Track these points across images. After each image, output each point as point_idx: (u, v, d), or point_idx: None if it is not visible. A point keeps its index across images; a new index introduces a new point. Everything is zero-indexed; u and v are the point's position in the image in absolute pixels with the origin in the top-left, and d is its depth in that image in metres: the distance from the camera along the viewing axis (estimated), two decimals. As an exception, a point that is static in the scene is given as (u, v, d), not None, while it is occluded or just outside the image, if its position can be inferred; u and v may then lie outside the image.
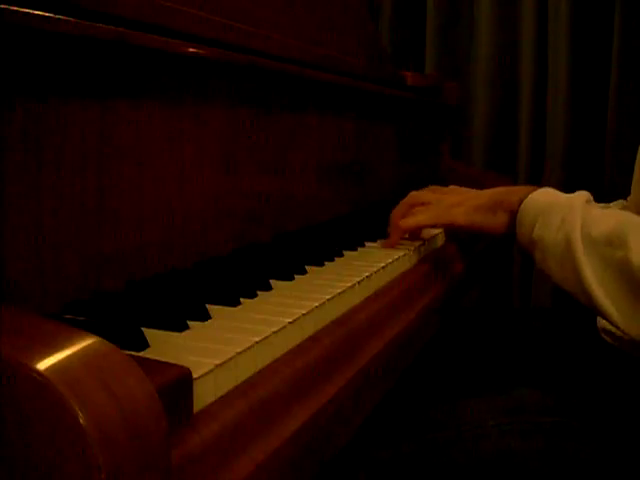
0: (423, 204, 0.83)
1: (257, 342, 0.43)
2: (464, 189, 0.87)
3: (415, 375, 0.79)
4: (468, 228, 0.79)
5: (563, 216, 0.66)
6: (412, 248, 0.80)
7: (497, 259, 1.12)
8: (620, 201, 0.96)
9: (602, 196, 1.01)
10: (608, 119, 1.59)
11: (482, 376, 0.80)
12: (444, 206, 0.81)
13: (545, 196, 0.71)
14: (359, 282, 0.62)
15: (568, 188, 0.98)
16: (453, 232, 0.92)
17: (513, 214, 0.73)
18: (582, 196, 0.69)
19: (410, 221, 0.80)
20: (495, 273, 1.70)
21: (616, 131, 1.57)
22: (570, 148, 1.65)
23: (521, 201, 0.72)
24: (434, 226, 0.84)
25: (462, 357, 0.89)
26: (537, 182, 1.71)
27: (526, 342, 0.91)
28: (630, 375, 0.71)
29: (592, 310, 0.64)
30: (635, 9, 1.53)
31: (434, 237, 0.90)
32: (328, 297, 0.55)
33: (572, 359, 0.82)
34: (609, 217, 0.65)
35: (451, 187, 0.89)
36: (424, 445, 0.66)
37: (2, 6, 0.41)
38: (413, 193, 0.86)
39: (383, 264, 0.69)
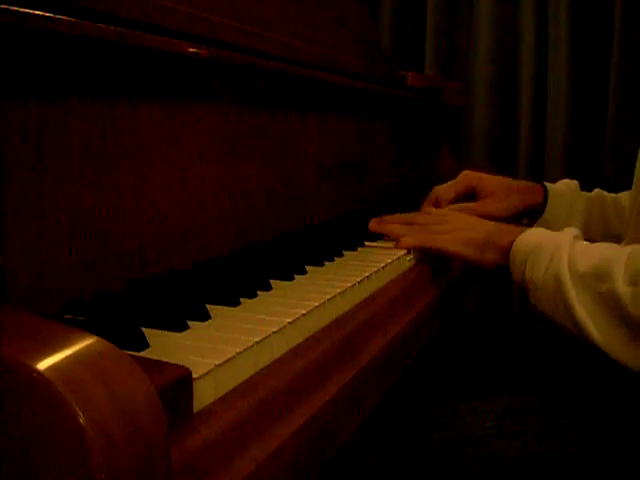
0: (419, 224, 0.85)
1: (257, 342, 0.43)
2: (462, 215, 0.88)
3: (415, 376, 0.79)
4: (456, 258, 0.80)
5: (551, 254, 0.67)
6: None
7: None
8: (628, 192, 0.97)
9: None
10: (608, 119, 1.59)
11: (482, 378, 0.80)
12: (437, 231, 0.82)
13: (534, 237, 0.72)
14: (359, 282, 0.62)
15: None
16: None
17: (504, 255, 0.75)
18: (569, 233, 0.70)
19: (405, 242, 0.80)
20: (493, 277, 1.69)
21: (616, 131, 1.57)
22: (570, 148, 1.65)
23: (511, 243, 0.74)
24: (423, 249, 0.83)
25: (462, 359, 0.89)
26: (537, 182, 1.71)
27: (526, 344, 0.91)
28: (629, 377, 0.71)
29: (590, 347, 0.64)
30: (635, 9, 1.53)
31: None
32: (328, 297, 0.55)
33: (572, 361, 0.82)
34: (594, 251, 0.66)
35: (453, 213, 0.91)
36: (423, 447, 0.66)
37: (2, 6, 0.41)
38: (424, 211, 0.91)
39: (383, 264, 0.69)
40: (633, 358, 0.60)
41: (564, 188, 1.03)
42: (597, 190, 1.04)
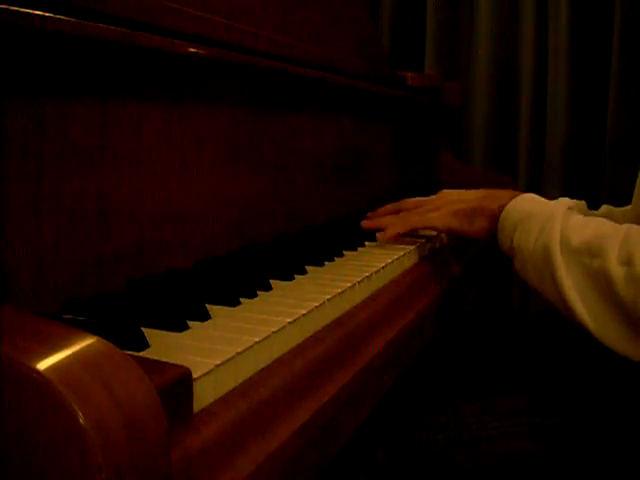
0: (407, 209, 0.84)
1: (257, 342, 0.43)
2: (454, 191, 0.86)
3: (414, 377, 0.79)
4: (446, 232, 0.80)
5: (542, 225, 0.65)
6: (412, 248, 0.80)
7: (496, 260, 1.12)
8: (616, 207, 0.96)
9: (602, 196, 1.01)
10: (608, 119, 1.59)
11: (481, 378, 0.80)
12: (422, 211, 0.81)
13: (526, 203, 0.70)
14: (359, 282, 0.62)
15: (568, 188, 0.99)
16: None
17: (494, 221, 0.73)
18: (563, 204, 0.68)
19: (389, 232, 0.80)
20: (494, 275, 1.70)
21: (616, 131, 1.57)
22: (570, 148, 1.65)
23: (501, 208, 0.72)
24: (413, 230, 0.84)
25: (461, 359, 0.89)
26: (537, 182, 1.71)
27: (525, 344, 0.91)
28: (628, 377, 0.71)
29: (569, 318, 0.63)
30: (635, 9, 1.53)
31: (434, 237, 0.90)
32: (328, 297, 0.55)
33: (572, 361, 0.82)
34: (588, 226, 0.63)
35: (442, 192, 0.89)
36: (423, 448, 0.66)
37: (2, 6, 0.41)
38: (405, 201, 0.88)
39: (383, 264, 0.69)
40: (622, 340, 0.58)
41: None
42: (605, 207, 0.98)
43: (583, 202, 0.99)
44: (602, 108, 1.61)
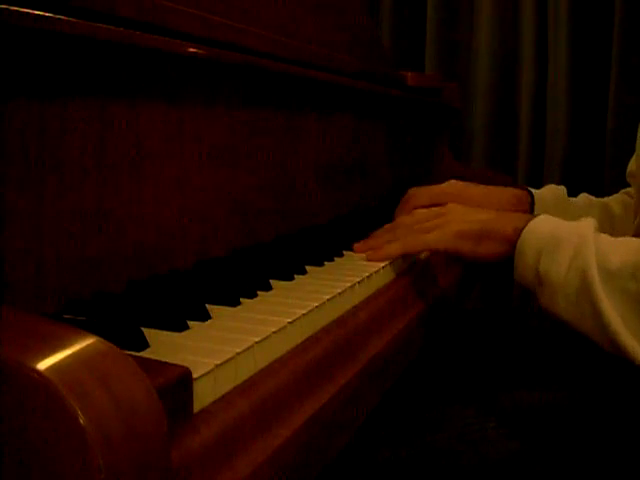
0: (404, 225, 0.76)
1: (257, 342, 0.43)
2: (453, 206, 0.76)
3: (414, 377, 0.79)
4: (449, 254, 0.71)
5: (575, 249, 0.59)
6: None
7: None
8: (615, 196, 0.96)
9: (602, 196, 1.01)
10: (608, 118, 1.59)
11: (482, 378, 0.80)
12: (424, 229, 0.73)
13: (547, 225, 0.64)
14: (359, 282, 0.62)
15: (568, 188, 0.99)
16: None
17: (509, 245, 0.66)
18: (590, 224, 0.62)
19: (385, 251, 0.72)
20: (494, 274, 1.70)
21: (616, 131, 1.57)
22: (570, 148, 1.65)
23: (518, 231, 0.66)
24: (408, 254, 0.75)
25: (462, 358, 0.89)
26: (537, 182, 1.71)
27: (526, 343, 0.91)
28: (629, 376, 0.71)
29: (616, 355, 0.57)
30: (635, 10, 1.53)
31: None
32: (328, 297, 0.55)
33: (572, 360, 0.82)
34: (626, 246, 0.58)
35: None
36: (424, 448, 0.65)
37: (2, 6, 0.41)
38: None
39: (383, 264, 0.69)
40: None
41: (550, 195, 0.96)
42: (583, 195, 0.97)
43: (563, 187, 0.98)
44: (602, 108, 1.61)
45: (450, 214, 0.74)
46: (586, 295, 0.57)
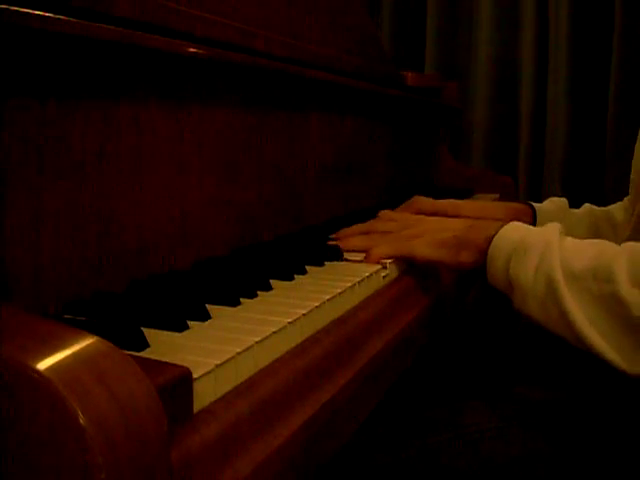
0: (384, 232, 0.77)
1: (257, 342, 0.43)
2: (431, 218, 0.81)
3: (414, 377, 0.79)
4: (428, 262, 0.73)
5: (540, 253, 0.61)
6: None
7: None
8: (619, 203, 0.96)
9: (603, 196, 1.02)
10: (608, 119, 1.59)
11: (481, 377, 0.80)
12: (405, 236, 0.75)
13: (516, 232, 0.66)
14: (359, 282, 0.62)
15: (568, 188, 0.99)
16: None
17: (481, 254, 0.68)
18: (556, 229, 0.64)
19: (377, 253, 0.71)
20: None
21: (616, 131, 1.57)
22: (570, 148, 1.65)
23: (489, 239, 0.67)
24: (395, 257, 0.74)
25: (461, 358, 0.89)
26: (537, 182, 1.71)
27: (525, 342, 0.91)
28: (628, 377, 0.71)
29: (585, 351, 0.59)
30: (635, 9, 1.53)
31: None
32: (328, 297, 0.55)
33: (572, 359, 0.82)
34: (588, 248, 0.61)
35: (417, 216, 0.85)
36: (423, 448, 0.65)
37: (2, 6, 0.41)
38: (381, 217, 0.82)
39: (383, 264, 0.69)
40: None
41: (552, 207, 0.96)
42: (586, 205, 0.98)
43: (564, 199, 0.98)
44: (602, 108, 1.61)
45: (426, 223, 0.77)
46: (553, 297, 0.59)
